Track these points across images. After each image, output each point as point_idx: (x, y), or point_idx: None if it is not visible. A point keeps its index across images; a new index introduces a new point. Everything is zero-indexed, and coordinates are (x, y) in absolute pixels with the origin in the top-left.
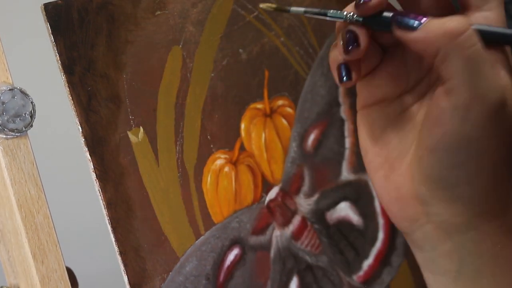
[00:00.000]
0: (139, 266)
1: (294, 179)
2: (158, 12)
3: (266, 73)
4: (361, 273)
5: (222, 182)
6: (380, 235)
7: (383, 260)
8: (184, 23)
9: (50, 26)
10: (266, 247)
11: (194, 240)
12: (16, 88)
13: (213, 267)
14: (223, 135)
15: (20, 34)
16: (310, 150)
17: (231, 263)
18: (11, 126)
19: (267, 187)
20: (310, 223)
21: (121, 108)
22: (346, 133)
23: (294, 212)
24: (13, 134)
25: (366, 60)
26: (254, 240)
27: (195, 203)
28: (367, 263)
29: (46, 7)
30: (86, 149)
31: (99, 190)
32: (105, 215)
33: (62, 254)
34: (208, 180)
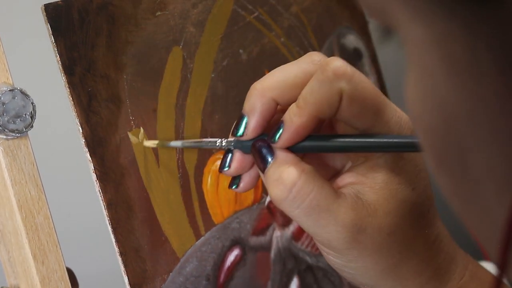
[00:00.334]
0: (140, 267)
1: None
2: (159, 12)
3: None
4: None
5: (223, 183)
6: None
7: None
8: (184, 24)
9: (50, 26)
10: (267, 247)
11: (194, 241)
12: (17, 88)
13: (213, 268)
14: (223, 135)
15: (20, 34)
16: None
17: (232, 263)
18: (12, 126)
19: None
20: None
21: (121, 108)
22: None
23: None
24: (13, 134)
25: None
26: (254, 240)
27: (196, 203)
28: None
29: (47, 7)
30: (87, 149)
31: (99, 191)
32: (105, 215)
33: (62, 255)
34: (208, 181)
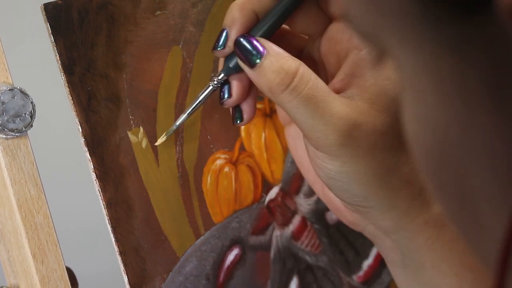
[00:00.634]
0: (139, 266)
1: (294, 179)
2: (158, 12)
3: None
4: (361, 273)
5: (222, 182)
6: None
7: (383, 260)
8: (184, 23)
9: (50, 26)
10: (266, 247)
11: (194, 240)
12: (16, 88)
13: (213, 267)
14: (223, 135)
15: (20, 34)
16: None
17: (231, 263)
18: (11, 126)
19: (267, 187)
20: (310, 223)
21: (121, 108)
22: None
23: (294, 212)
24: (13, 134)
25: None
26: (254, 240)
27: (195, 203)
28: (367, 263)
29: (46, 7)
30: (86, 149)
31: (99, 190)
32: (105, 215)
33: (62, 254)
34: (208, 180)
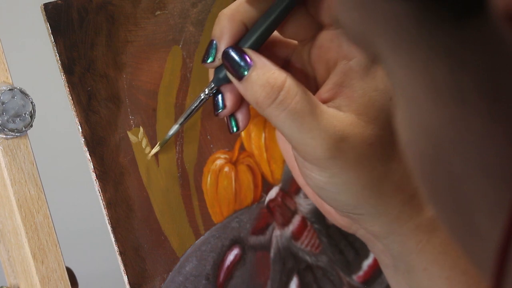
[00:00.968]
0: (139, 266)
1: (294, 179)
2: (158, 12)
3: None
4: (361, 273)
5: (222, 182)
6: None
7: None
8: (184, 23)
9: (50, 26)
10: (266, 247)
11: (194, 240)
12: (16, 88)
13: (213, 267)
14: (223, 135)
15: (20, 34)
16: None
17: (231, 263)
18: (11, 126)
19: (267, 187)
20: (310, 223)
21: (121, 108)
22: None
23: (294, 212)
24: (13, 134)
25: None
26: (254, 240)
27: (195, 203)
28: (367, 263)
29: (46, 7)
30: (86, 149)
31: (99, 190)
32: (105, 215)
33: (62, 254)
34: (208, 180)
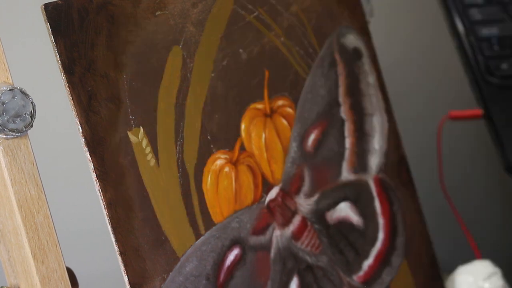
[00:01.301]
0: (139, 266)
1: (294, 179)
2: (158, 12)
3: (266, 73)
4: (361, 273)
5: (222, 182)
6: (380, 235)
7: (383, 260)
8: (184, 23)
9: (50, 26)
10: (266, 247)
11: (194, 240)
12: (16, 88)
13: (213, 267)
14: (223, 135)
15: (20, 34)
16: (310, 150)
17: (231, 263)
18: (11, 126)
19: (267, 187)
20: (310, 223)
21: (121, 108)
22: (346, 133)
23: (294, 212)
24: (13, 134)
25: None
26: (254, 240)
27: (195, 203)
28: (367, 263)
29: (46, 7)
30: (86, 149)
31: (99, 190)
32: (105, 215)
33: (62, 254)
34: (208, 180)
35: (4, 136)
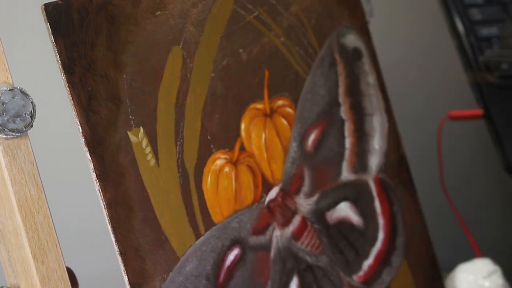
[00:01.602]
0: (139, 266)
1: (294, 179)
2: (158, 12)
3: (266, 73)
4: (361, 273)
5: (222, 182)
6: (380, 235)
7: (383, 260)
8: (184, 23)
9: (50, 26)
10: (266, 247)
11: (194, 240)
12: (17, 88)
13: (213, 267)
14: (223, 135)
15: (20, 34)
16: (310, 150)
17: (231, 263)
18: (11, 126)
19: (267, 187)
20: (310, 223)
21: (121, 108)
22: (346, 133)
23: (294, 212)
24: (13, 134)
25: None
26: (254, 240)
27: (195, 203)
28: (367, 263)
29: (46, 7)
30: (86, 149)
31: (99, 190)
32: (105, 215)
33: (62, 254)
34: (208, 180)
35: (4, 136)
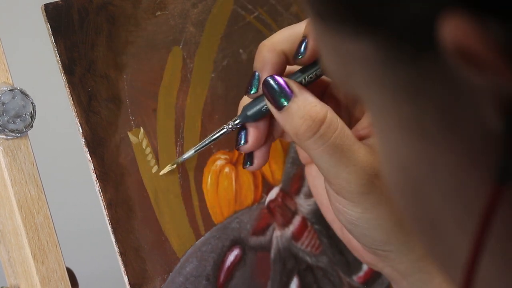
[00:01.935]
0: (139, 267)
1: (294, 180)
2: (159, 12)
3: None
4: (361, 273)
5: (223, 183)
6: None
7: None
8: (184, 24)
9: (50, 26)
10: (267, 247)
11: (194, 241)
12: (17, 88)
13: (213, 268)
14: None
15: (20, 34)
16: None
17: (231, 263)
18: (12, 126)
19: (268, 188)
20: (310, 224)
21: (121, 108)
22: None
23: (295, 213)
24: (13, 134)
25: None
26: (254, 240)
27: (195, 203)
28: None
29: (47, 7)
30: (87, 149)
31: (99, 191)
32: (105, 215)
33: (62, 255)
34: (208, 181)
35: (4, 136)
